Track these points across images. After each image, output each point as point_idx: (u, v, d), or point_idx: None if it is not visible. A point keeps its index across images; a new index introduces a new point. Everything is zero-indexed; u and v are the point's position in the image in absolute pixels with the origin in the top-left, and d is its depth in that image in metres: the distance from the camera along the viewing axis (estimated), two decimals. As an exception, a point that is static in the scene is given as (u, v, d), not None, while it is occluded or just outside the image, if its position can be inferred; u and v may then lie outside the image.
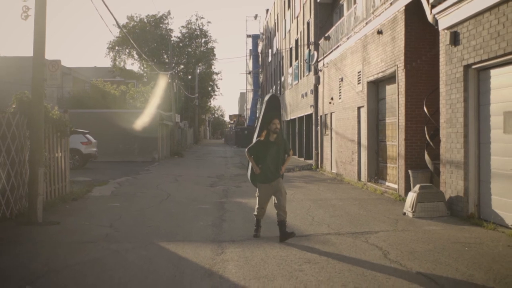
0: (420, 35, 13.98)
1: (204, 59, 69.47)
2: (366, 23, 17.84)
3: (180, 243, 8.67)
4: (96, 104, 36.13)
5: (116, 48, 62.48)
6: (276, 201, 8.95)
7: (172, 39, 63.75)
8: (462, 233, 9.25)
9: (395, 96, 14.95)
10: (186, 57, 67.30)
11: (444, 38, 11.57)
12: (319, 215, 11.55)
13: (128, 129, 31.83)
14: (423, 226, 10.03)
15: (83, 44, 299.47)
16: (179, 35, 67.97)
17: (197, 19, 72.49)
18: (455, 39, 11.00)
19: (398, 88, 14.60)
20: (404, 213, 11.38)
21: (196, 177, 21.83)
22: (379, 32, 16.14)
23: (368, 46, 17.59)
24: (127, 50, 63.05)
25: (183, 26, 68.85)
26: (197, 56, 67.89)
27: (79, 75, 47.80)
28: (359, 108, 18.84)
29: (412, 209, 11.11)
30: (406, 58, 14.10)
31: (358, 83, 18.69)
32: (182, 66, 67.65)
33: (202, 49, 69.44)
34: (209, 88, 74.99)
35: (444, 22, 11.42)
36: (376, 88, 17.51)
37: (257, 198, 9.16)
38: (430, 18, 12.19)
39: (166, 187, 17.58)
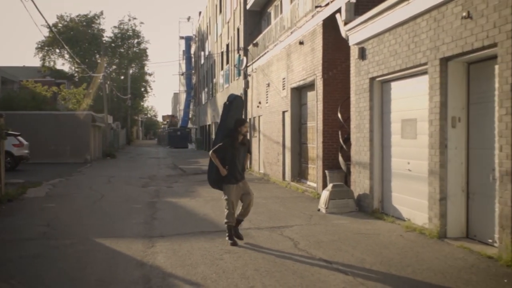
0: (336, 48, 15.33)
1: (137, 60, 69.58)
2: (291, 33, 19.12)
3: (115, 239, 9.57)
4: (26, 106, 36.01)
5: (46, 48, 61.66)
6: (243, 202, 9.18)
7: (104, 39, 63.60)
8: (365, 226, 10.58)
9: (315, 102, 16.28)
10: (118, 57, 67.21)
11: (353, 52, 12.96)
12: (243, 212, 12.66)
13: (59, 131, 32.08)
14: (333, 220, 11.32)
15: (11, 42, 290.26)
16: (111, 35, 67.82)
17: (129, 20, 72.66)
18: (362, 54, 12.38)
19: (317, 95, 15.95)
20: (319, 209, 12.67)
21: (129, 178, 22.56)
22: (301, 43, 17.45)
23: (291, 55, 18.90)
24: (58, 50, 62.39)
25: (115, 27, 68.74)
26: (130, 57, 67.93)
27: (7, 75, 47.15)
28: (283, 112, 20.13)
29: (325, 205, 12.41)
30: (323, 68, 15.44)
31: (283, 89, 19.98)
32: (114, 67, 67.55)
33: (134, 49, 69.52)
34: (142, 89, 75.09)
35: (353, 38, 12.80)
36: (299, 94, 18.85)
37: (226, 202, 9.06)
38: (343, 33, 13.55)
39: (100, 188, 18.28)
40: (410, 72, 10.50)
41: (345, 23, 13.29)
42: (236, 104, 9.41)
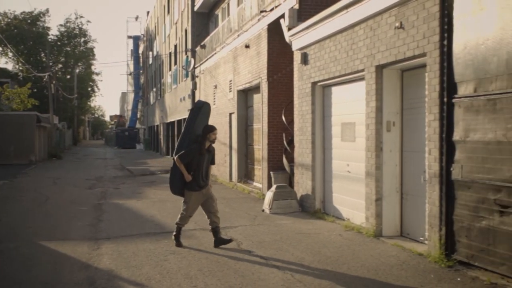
0: (281, 52, 15.71)
1: (84, 59, 68.53)
2: (238, 36, 19.42)
3: (60, 242, 9.65)
4: (-33, 106, 35.12)
5: (-14, 46, 60.00)
6: (208, 208, 9.25)
7: (49, 37, 62.36)
8: (306, 226, 10.98)
9: (260, 105, 16.64)
10: (64, 56, 66.02)
11: (296, 57, 13.37)
12: (189, 213, 12.88)
13: (2, 131, 31.42)
14: (276, 220, 11.68)
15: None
16: (57, 33, 66.51)
17: (76, 18, 71.07)
18: (305, 59, 12.79)
19: (262, 98, 16.31)
20: (263, 210, 13.01)
21: (75, 180, 22.41)
22: (247, 46, 17.78)
23: (238, 58, 19.21)
24: (0, 49, 60.78)
25: (61, 25, 67.38)
26: (76, 56, 66.83)
27: None
28: (230, 114, 20.43)
29: (269, 206, 12.76)
30: (268, 71, 15.81)
31: (230, 91, 20.28)
32: (60, 65, 66.31)
33: (81, 48, 68.42)
34: (89, 89, 74.02)
35: (296, 44, 13.21)
36: (245, 96, 19.19)
37: (185, 206, 9.18)
38: (287, 38, 13.93)
39: (45, 190, 18.14)
40: (349, 78, 10.96)
41: (289, 29, 13.68)
42: (204, 110, 9.37)
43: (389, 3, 8.91)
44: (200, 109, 9.29)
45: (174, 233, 9.31)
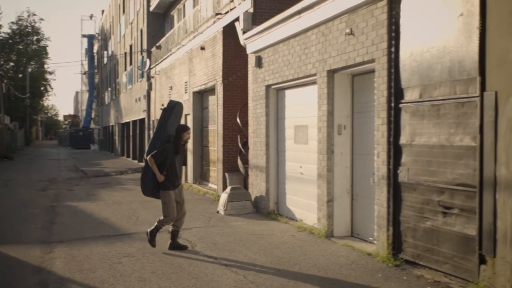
0: (236, 54, 15.84)
1: (36, 57, 67.15)
2: (194, 37, 19.46)
3: (11, 245, 9.55)
4: None
5: None
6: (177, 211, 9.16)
7: (0, 35, 60.92)
8: (260, 227, 11.14)
9: (215, 107, 16.74)
10: (16, 55, 64.55)
11: (251, 60, 13.53)
12: (143, 215, 12.89)
13: (-48, 132, 30.62)
14: (230, 222, 11.81)
15: None
16: (8, 31, 64.98)
17: (29, 16, 69.69)
18: (259, 62, 12.97)
19: (217, 100, 16.42)
20: (218, 211, 13.13)
21: (27, 181, 22.03)
22: (202, 48, 17.86)
23: (193, 59, 19.26)
24: None
25: (13, 22, 66.00)
26: (29, 55, 65.42)
27: None
28: (186, 116, 20.44)
29: (224, 207, 12.89)
30: (223, 73, 15.93)
31: (185, 92, 20.31)
32: (12, 64, 64.82)
33: (34, 47, 67.03)
34: (42, 88, 72.55)
35: (251, 47, 13.37)
36: (201, 98, 19.26)
37: (166, 208, 9.02)
38: (242, 41, 14.08)
39: (-4, 193, 17.82)
40: (302, 82, 11.18)
41: (244, 32, 13.83)
42: (177, 110, 9.33)
43: (340, 10, 9.15)
44: (173, 109, 9.23)
45: (170, 241, 9.13)
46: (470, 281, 6.59)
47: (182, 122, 20.70)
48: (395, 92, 7.99)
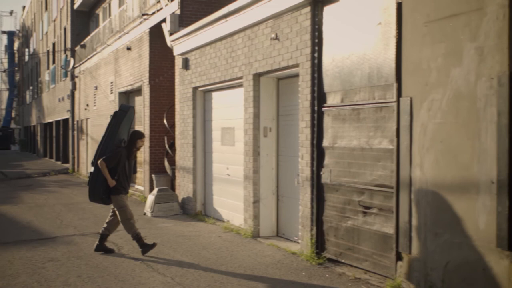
0: (163, 55, 15.80)
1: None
2: (120, 37, 19.24)
3: None
4: None
5: None
6: (116, 216, 9.05)
7: None
8: (187, 228, 11.21)
9: (142, 108, 16.63)
10: None
11: (178, 62, 13.57)
12: (68, 218, 12.67)
13: None
14: (158, 223, 11.81)
15: None
16: None
17: None
18: (186, 64, 13.02)
19: (144, 101, 16.33)
20: (145, 213, 13.08)
21: None
22: (128, 48, 17.69)
23: (119, 60, 19.04)
24: None
25: None
26: None
27: None
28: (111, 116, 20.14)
29: (151, 209, 12.86)
30: (150, 75, 15.86)
31: (111, 93, 20.04)
32: None
33: None
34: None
35: (178, 49, 13.40)
36: (127, 98, 19.06)
37: (122, 213, 8.83)
38: (168, 43, 14.08)
39: None
40: (228, 84, 11.33)
41: (171, 34, 13.83)
42: (130, 115, 9.15)
43: (266, 15, 9.36)
44: (126, 113, 9.06)
45: (139, 245, 8.86)
46: (388, 277, 6.93)
47: (106, 122, 20.38)
48: (318, 96, 8.27)
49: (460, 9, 5.82)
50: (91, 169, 8.96)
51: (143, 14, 16.38)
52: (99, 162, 8.70)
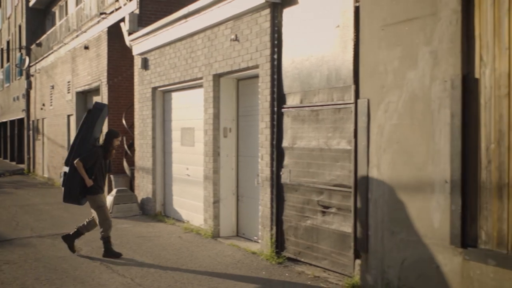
0: (122, 55, 15.66)
1: None
2: (77, 36, 18.98)
3: None
4: None
5: None
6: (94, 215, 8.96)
7: None
8: (147, 229, 11.17)
9: (100, 108, 16.44)
10: None
11: (137, 62, 13.49)
12: (24, 220, 12.46)
13: None
14: (117, 224, 11.68)
15: None
16: None
17: None
18: (145, 64, 12.96)
19: (102, 101, 16.12)
20: (103, 214, 12.95)
21: None
22: (86, 48, 17.48)
23: (77, 59, 18.79)
24: None
25: None
26: None
27: None
28: (69, 116, 19.90)
29: (109, 210, 12.73)
30: (108, 74, 15.70)
31: (68, 92, 19.76)
32: None
33: None
34: None
35: (137, 49, 13.32)
36: (85, 98, 18.83)
37: (99, 213, 8.76)
38: (127, 43, 13.98)
39: None
40: (188, 85, 11.33)
41: (129, 33, 13.74)
42: (104, 113, 9.02)
43: (225, 16, 9.40)
44: (101, 112, 8.93)
45: (103, 248, 8.78)
46: (346, 275, 7.07)
47: (63, 122, 20.15)
48: (278, 97, 8.36)
49: (415, 14, 5.99)
50: (64, 169, 8.79)
51: (101, 13, 16.21)
52: (75, 162, 8.52)
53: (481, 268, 5.25)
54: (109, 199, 12.98)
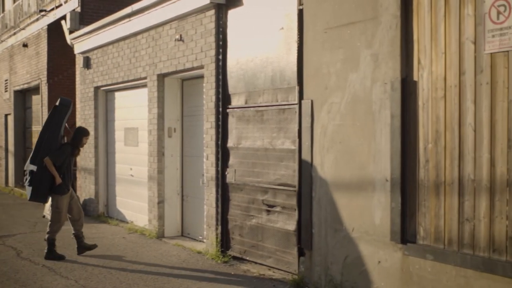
0: (63, 53, 15.35)
1: None
2: (15, 33, 18.48)
3: None
4: None
5: None
6: (73, 211, 8.88)
7: None
8: (90, 230, 10.99)
9: (40, 107, 16.11)
10: None
11: (79, 61, 13.28)
12: (-40, 223, 12.08)
13: None
14: (58, 226, 11.50)
15: None
16: None
17: None
18: (87, 63, 12.78)
19: (42, 100, 15.81)
20: (44, 216, 12.65)
21: None
22: (25, 45, 17.05)
23: (15, 57, 18.31)
24: None
25: None
26: None
27: None
28: (6, 116, 19.36)
29: (50, 212, 12.46)
30: (48, 73, 15.39)
31: (6, 91, 19.23)
32: None
33: None
34: None
35: (79, 48, 13.11)
36: (23, 97, 18.38)
37: (57, 213, 8.69)
38: (68, 41, 13.74)
39: None
40: (132, 84, 11.25)
41: (71, 32, 13.51)
42: (70, 110, 8.90)
43: (170, 16, 9.39)
44: (69, 108, 8.81)
45: (46, 249, 8.60)
46: (291, 272, 7.21)
47: (0, 122, 19.57)
48: (223, 97, 8.43)
49: (357, 17, 6.18)
50: (30, 167, 8.55)
51: (41, 10, 15.83)
52: (45, 159, 8.36)
53: (420, 262, 5.47)
54: (50, 200, 12.71)
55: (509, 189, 4.78)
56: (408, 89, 5.66)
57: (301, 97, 6.99)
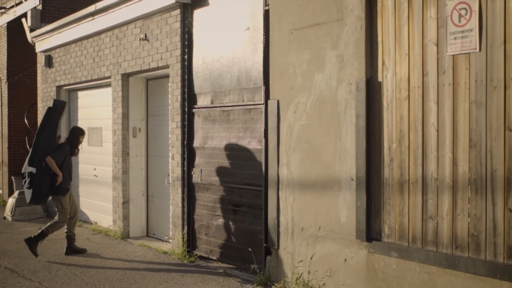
0: (24, 52, 15.08)
1: None
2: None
3: None
4: None
5: None
6: (70, 208, 8.95)
7: None
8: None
9: None
10: None
11: (40, 60, 13.07)
12: None
13: None
14: (20, 228, 11.32)
15: None
16: None
17: None
18: (49, 62, 12.58)
19: (1, 99, 15.49)
20: (5, 217, 12.46)
21: None
22: (-16, 43, 16.68)
23: (-27, 55, 17.86)
24: None
25: None
26: None
27: None
28: (-36, 115, 18.88)
29: (11, 213, 12.28)
30: (8, 72, 15.09)
31: (-37, 90, 18.75)
32: None
33: None
34: None
35: (40, 46, 12.90)
36: (-18, 96, 17.94)
37: (62, 212, 8.76)
38: (30, 39, 13.50)
39: None
40: (96, 84, 11.14)
41: (32, 30, 13.28)
42: (64, 111, 8.96)
43: (134, 15, 9.33)
44: (63, 109, 8.81)
45: (66, 246, 8.90)
46: (258, 271, 7.25)
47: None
48: (189, 97, 8.42)
49: (322, 19, 6.26)
50: (29, 170, 8.46)
51: (0, 8, 15.51)
52: (47, 159, 8.40)
53: (385, 260, 5.59)
54: (10, 201, 12.53)
55: (470, 187, 4.93)
56: (372, 90, 5.77)
57: (267, 97, 7.04)
